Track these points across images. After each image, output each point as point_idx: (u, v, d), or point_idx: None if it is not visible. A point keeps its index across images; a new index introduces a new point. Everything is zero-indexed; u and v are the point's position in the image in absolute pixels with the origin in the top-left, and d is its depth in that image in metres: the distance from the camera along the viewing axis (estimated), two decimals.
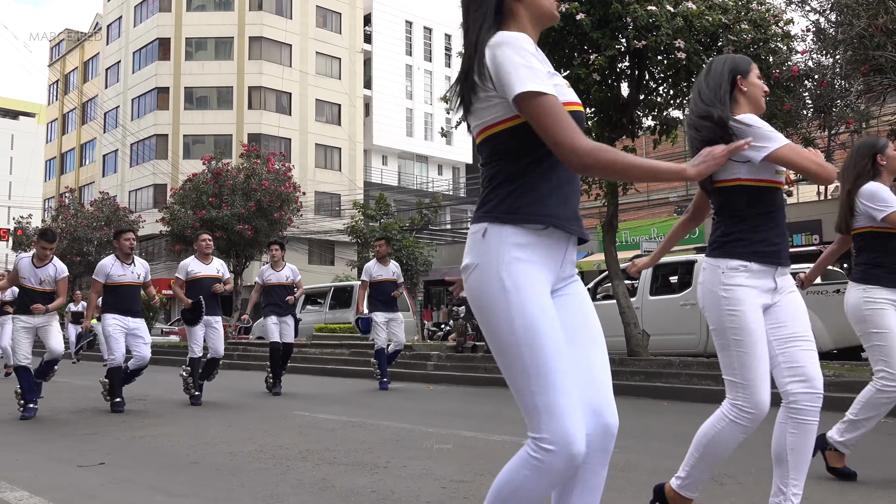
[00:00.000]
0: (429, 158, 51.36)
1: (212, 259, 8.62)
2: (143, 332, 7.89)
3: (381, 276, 9.79)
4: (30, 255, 7.49)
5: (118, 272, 7.81)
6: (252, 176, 21.97)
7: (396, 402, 8.54)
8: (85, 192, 47.59)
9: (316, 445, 5.44)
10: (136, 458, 5.01)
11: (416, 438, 5.75)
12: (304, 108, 42.93)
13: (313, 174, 41.86)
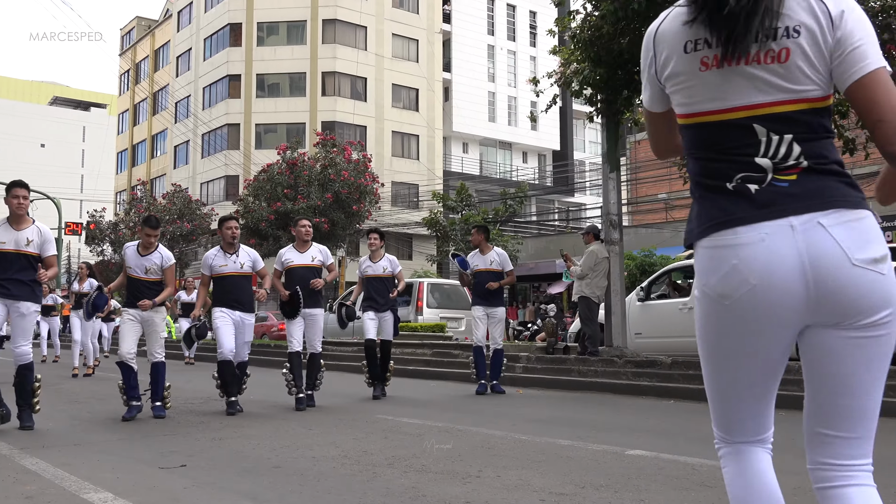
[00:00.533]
0: (513, 145, 51.15)
1: (310, 246, 8.47)
2: (248, 330, 7.90)
3: (478, 266, 9.63)
4: (135, 244, 7.58)
5: (220, 262, 7.86)
6: (329, 166, 22.32)
7: (484, 407, 8.52)
8: (156, 184, 49.40)
9: (402, 451, 5.47)
10: (217, 461, 5.15)
11: (509, 446, 5.72)
12: (380, 93, 43.38)
13: (390, 163, 42.29)
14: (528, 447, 5.67)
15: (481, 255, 9.66)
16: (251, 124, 42.53)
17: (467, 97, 47.99)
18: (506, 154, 51.32)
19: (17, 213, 6.55)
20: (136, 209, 33.68)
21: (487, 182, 45.22)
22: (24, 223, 6.63)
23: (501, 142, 50.66)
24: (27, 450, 5.46)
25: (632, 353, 10.89)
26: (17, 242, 6.54)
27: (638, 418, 7.63)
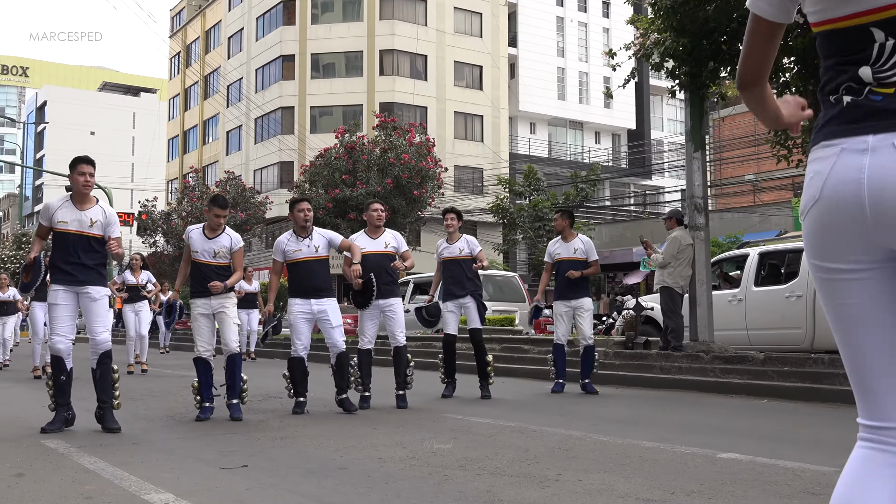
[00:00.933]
0: (584, 125, 50.67)
1: (383, 231, 8.27)
2: (333, 314, 7.67)
3: (560, 254, 9.41)
4: (200, 227, 7.44)
5: (293, 248, 7.67)
6: (389, 150, 22.42)
7: (559, 406, 8.47)
8: (209, 171, 50.41)
9: (474, 453, 5.46)
10: (279, 462, 5.22)
11: (588, 448, 5.66)
12: (442, 71, 43.40)
13: (452, 146, 42.31)
14: (610, 449, 5.61)
15: (564, 243, 9.41)
16: (306, 107, 43.01)
17: (535, 74, 47.66)
18: (576, 134, 50.87)
19: (82, 191, 6.42)
20: (188, 198, 34.39)
21: (557, 165, 44.92)
22: (88, 203, 6.49)
23: (572, 121, 50.22)
24: (85, 448, 5.62)
25: (720, 348, 10.69)
26: (80, 223, 6.41)
27: (729, 419, 7.49)
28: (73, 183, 6.44)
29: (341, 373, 7.80)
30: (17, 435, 6.30)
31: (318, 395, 9.23)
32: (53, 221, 6.42)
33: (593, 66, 50.39)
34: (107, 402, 6.45)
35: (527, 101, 47.25)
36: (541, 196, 28.64)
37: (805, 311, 10.96)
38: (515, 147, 46.89)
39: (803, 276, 11.06)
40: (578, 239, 9.44)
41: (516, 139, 47.43)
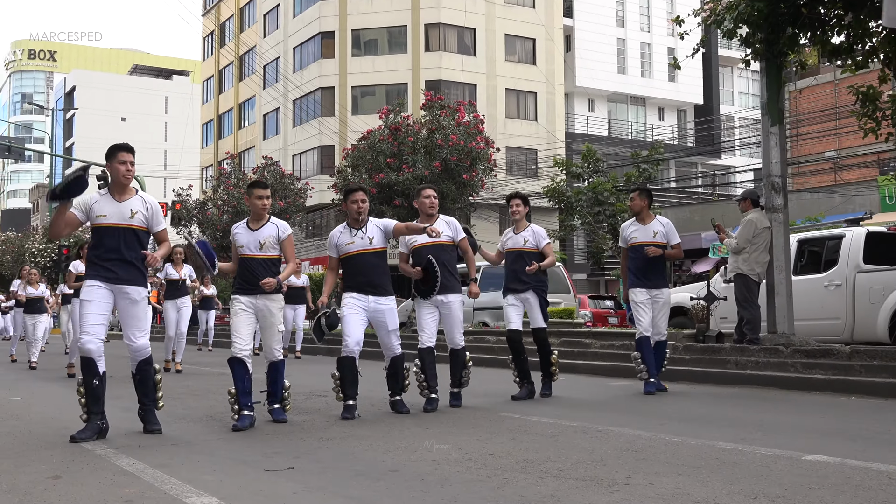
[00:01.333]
0: (647, 100, 50.16)
1: (436, 219, 8.04)
2: (390, 316, 7.50)
3: (637, 238, 9.09)
4: (244, 222, 7.25)
5: (345, 240, 7.50)
6: (437, 131, 22.39)
7: (624, 404, 8.40)
8: (245, 157, 50.96)
9: (535, 455, 5.44)
10: (327, 464, 5.24)
11: (659, 449, 5.60)
12: (492, 46, 43.25)
13: (504, 125, 42.19)
14: (683, 450, 5.54)
15: (642, 226, 9.11)
16: (347, 87, 43.22)
17: (592, 46, 47.24)
18: (638, 111, 50.38)
19: (123, 181, 6.30)
20: (224, 186, 34.75)
21: (617, 144, 44.52)
22: (128, 193, 6.36)
23: (633, 97, 49.73)
24: (123, 450, 5.71)
25: (801, 341, 10.50)
26: (120, 215, 6.27)
27: (812, 417, 7.36)
28: (112, 173, 6.32)
29: (395, 377, 7.74)
30: (51, 435, 6.43)
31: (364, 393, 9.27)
32: (92, 217, 6.29)
33: (656, 35, 49.77)
34: (149, 404, 6.45)
35: (584, 75, 46.88)
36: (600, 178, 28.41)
37: (844, 301, 10.99)
38: (572, 126, 46.58)
39: (842, 265, 11.25)
40: (658, 221, 9.11)
41: (573, 117, 47.12)
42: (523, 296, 8.70)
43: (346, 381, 7.39)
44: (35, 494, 4.41)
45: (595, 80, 47.18)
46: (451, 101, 26.11)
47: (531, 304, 8.70)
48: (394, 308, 7.56)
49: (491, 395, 9.13)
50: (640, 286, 9.04)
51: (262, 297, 7.02)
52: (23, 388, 10.78)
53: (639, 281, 9.05)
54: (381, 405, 8.11)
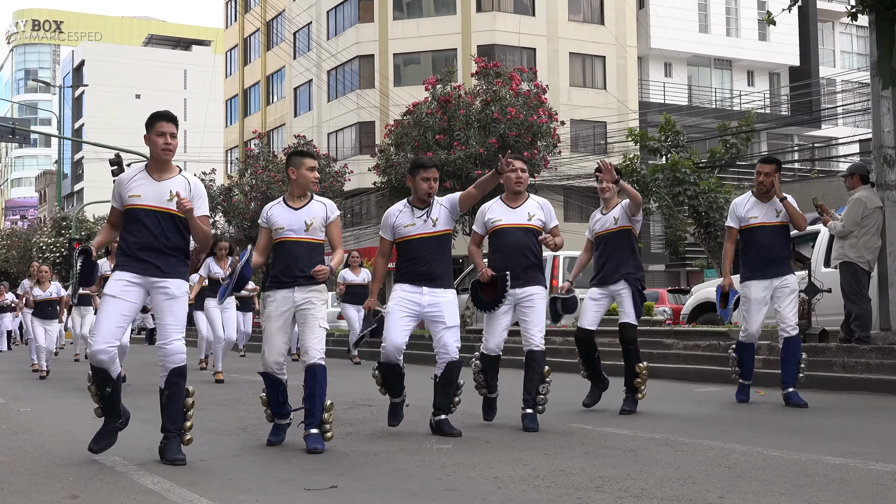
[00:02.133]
0: (733, 63, 49.51)
1: (525, 199, 7.64)
2: (448, 311, 7.06)
3: (757, 218, 8.66)
4: (279, 201, 6.82)
5: (405, 221, 7.12)
6: (492, 102, 22.33)
7: (713, 414, 8.35)
8: (274, 136, 51.45)
9: (612, 471, 5.43)
10: (374, 482, 5.28)
11: (756, 465, 5.57)
12: (553, 4, 43.04)
13: (567, 95, 41.99)
14: (784, 466, 5.51)
15: (762, 204, 8.68)
16: (388, 54, 43.34)
17: (670, 2, 46.73)
18: (724, 75, 49.76)
19: (162, 156, 6.02)
20: (251, 169, 35.09)
21: (699, 114, 44.06)
22: (169, 171, 6.11)
23: (717, 59, 49.11)
24: (146, 466, 5.80)
25: None
26: (159, 197, 5.97)
27: None
28: (150, 146, 6.03)
29: (447, 387, 7.15)
30: (66, 450, 6.55)
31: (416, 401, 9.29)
32: (125, 197, 6.03)
33: None
34: (173, 431, 5.91)
35: (660, 36, 46.37)
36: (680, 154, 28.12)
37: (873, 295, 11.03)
38: (646, 94, 46.20)
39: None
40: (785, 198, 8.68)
41: (647, 84, 46.71)
42: (614, 287, 8.30)
43: (389, 382, 7.24)
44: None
45: (673, 40, 46.66)
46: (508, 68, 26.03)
47: (622, 297, 8.28)
48: (453, 301, 7.16)
49: (559, 402, 9.10)
50: (757, 277, 8.58)
51: (303, 289, 6.54)
52: (33, 399, 11.01)
53: (755, 272, 8.61)
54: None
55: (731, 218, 8.90)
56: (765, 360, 11.37)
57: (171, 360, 5.90)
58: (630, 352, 8.41)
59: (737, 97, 47.84)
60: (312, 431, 6.36)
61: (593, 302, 8.42)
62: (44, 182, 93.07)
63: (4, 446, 6.88)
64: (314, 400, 6.41)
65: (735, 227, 8.85)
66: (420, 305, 7.05)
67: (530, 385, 7.42)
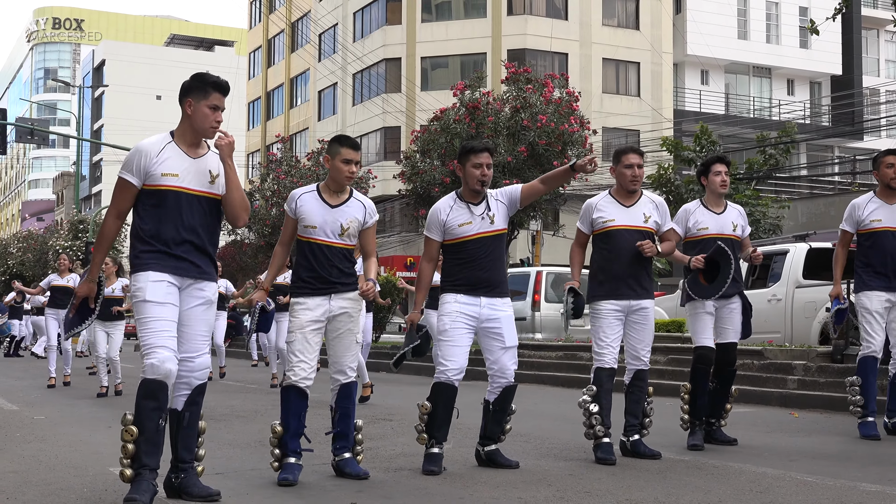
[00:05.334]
0: (773, 71, 49.30)
1: (638, 197, 7.03)
2: (508, 328, 6.35)
3: (882, 221, 7.95)
4: (313, 189, 6.10)
5: (459, 219, 6.37)
6: (522, 109, 22.37)
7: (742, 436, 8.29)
8: (297, 140, 51.65)
9: (639, 493, 5.44)
10: (395, 500, 5.32)
11: (790, 490, 5.55)
12: (587, 7, 43.03)
13: (600, 102, 41.98)
14: (818, 492, 5.49)
15: (888, 205, 8.00)
16: (416, 58, 43.46)
17: (707, 7, 46.62)
18: (763, 84, 49.55)
19: (209, 134, 5.23)
20: (273, 174, 35.27)
21: (737, 123, 43.91)
22: (203, 147, 5.29)
23: (756, 67, 48.94)
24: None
25: None
26: (199, 176, 5.16)
27: None
28: (196, 116, 5.18)
29: (501, 414, 6.46)
30: (81, 461, 6.61)
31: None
32: (153, 173, 5.06)
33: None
34: (189, 462, 5.19)
35: (697, 42, 46.27)
36: None
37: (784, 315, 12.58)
38: (682, 102, 46.09)
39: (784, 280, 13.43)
40: None
41: (683, 92, 46.59)
42: (726, 302, 7.50)
43: (439, 417, 6.23)
44: None
45: (710, 47, 46.52)
46: (539, 73, 26.06)
47: (732, 312, 7.54)
48: (512, 316, 6.48)
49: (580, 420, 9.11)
50: (876, 288, 7.90)
51: (340, 297, 5.95)
52: (47, 407, 11.10)
53: (877, 281, 7.91)
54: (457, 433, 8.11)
55: (848, 222, 8.14)
56: (800, 381, 11.33)
57: (197, 377, 5.15)
58: (729, 375, 7.75)
59: (776, 106, 47.61)
60: (347, 456, 5.95)
61: (709, 316, 7.48)
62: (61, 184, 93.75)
63: (18, 455, 6.95)
64: (348, 420, 5.99)
65: (851, 230, 8.16)
66: (478, 319, 6.30)
67: (636, 408, 6.90)
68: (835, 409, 10.18)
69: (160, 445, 4.97)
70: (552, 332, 19.15)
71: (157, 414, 4.91)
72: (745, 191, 27.24)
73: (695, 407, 7.46)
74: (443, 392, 6.20)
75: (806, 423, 9.24)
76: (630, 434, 6.84)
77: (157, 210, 5.05)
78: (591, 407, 6.69)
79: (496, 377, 6.38)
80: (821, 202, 32.61)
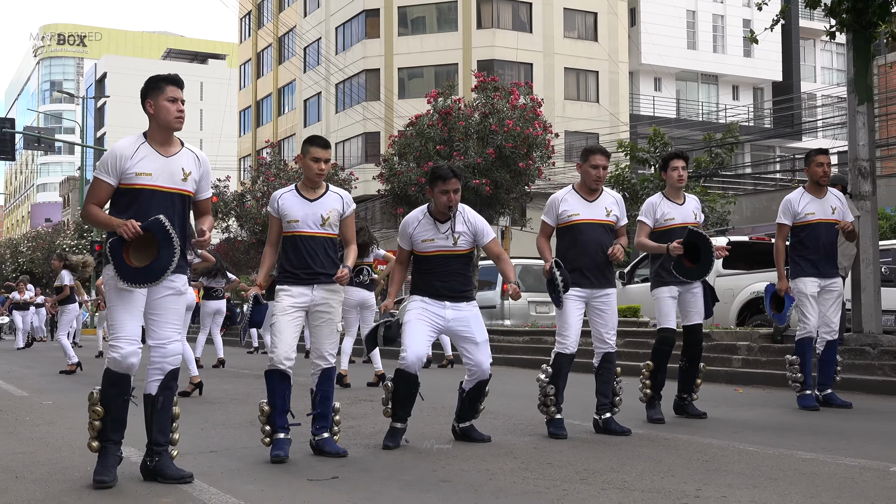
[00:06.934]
0: (719, 78, 49.56)
1: (600, 193, 6.96)
2: (476, 325, 6.37)
3: (814, 214, 8.10)
4: (290, 189, 6.05)
5: (423, 235, 6.39)
6: (490, 115, 22.38)
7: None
8: (285, 146, 51.45)
9: (596, 464, 5.46)
10: (374, 473, 5.32)
11: (732, 459, 5.60)
12: (550, 21, 43.05)
13: (562, 108, 42.01)
14: (759, 460, 5.53)
15: (817, 199, 8.18)
16: (393, 69, 43.36)
17: (659, 20, 46.79)
18: (710, 90, 49.80)
19: (174, 125, 5.13)
20: (263, 176, 35.12)
21: (687, 126, 44.07)
22: (175, 145, 5.20)
23: (704, 74, 49.16)
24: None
25: (889, 342, 10.33)
26: (171, 175, 5.08)
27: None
28: (158, 113, 5.11)
29: (475, 403, 6.50)
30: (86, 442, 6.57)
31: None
32: (127, 172, 4.98)
33: (730, 7, 49.12)
34: (163, 446, 5.10)
35: (650, 52, 46.40)
36: None
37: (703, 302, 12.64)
38: (637, 107, 46.22)
39: None
40: (832, 193, 8.26)
41: (638, 98, 46.74)
42: (688, 286, 7.53)
43: (400, 397, 6.26)
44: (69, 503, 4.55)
45: (662, 56, 46.68)
46: (506, 82, 26.05)
47: (695, 296, 7.56)
48: (479, 314, 6.46)
49: None
50: (811, 275, 8.06)
51: (322, 288, 5.90)
52: (55, 393, 11.01)
53: (810, 268, 8.07)
54: (430, 412, 8.12)
55: (787, 214, 8.22)
56: (744, 360, 11.41)
57: (170, 362, 5.08)
58: (694, 354, 7.77)
59: (722, 110, 47.84)
60: (326, 435, 5.91)
61: (672, 300, 7.56)
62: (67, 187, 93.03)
63: (27, 437, 6.92)
64: (328, 402, 5.94)
65: (788, 223, 8.23)
66: (444, 319, 6.29)
67: (606, 388, 6.86)
68: (775, 385, 10.25)
69: (124, 421, 5.09)
70: (519, 319, 19.30)
71: (120, 397, 5.03)
72: (695, 188, 27.34)
73: (655, 382, 7.55)
74: (403, 378, 6.19)
75: (749, 398, 9.31)
76: (602, 412, 6.80)
77: (131, 207, 4.98)
78: (548, 389, 6.69)
79: (473, 371, 6.38)
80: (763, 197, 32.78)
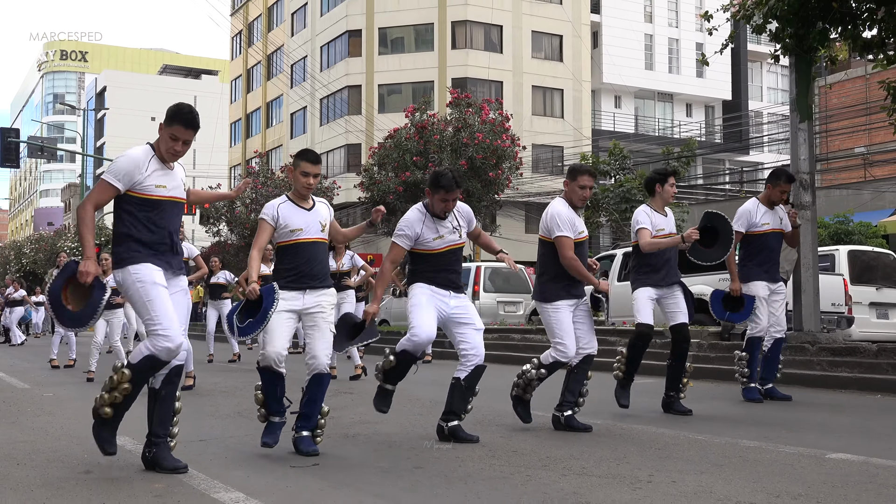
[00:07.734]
0: (674, 96, 49.88)
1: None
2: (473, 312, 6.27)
3: (768, 224, 8.21)
4: (283, 200, 5.78)
5: (431, 234, 6.17)
6: (463, 129, 22.46)
7: (646, 403, 8.39)
8: (273, 156, 51.24)
9: (558, 452, 5.48)
10: (351, 460, 5.31)
11: (682, 447, 5.63)
12: (518, 43, 43.17)
13: (530, 123, 42.11)
14: (706, 448, 5.57)
15: (769, 211, 8.26)
16: (374, 85, 43.31)
17: (620, 42, 47.04)
18: (666, 107, 50.09)
19: (164, 156, 5.04)
20: (252, 185, 34.98)
21: (645, 141, 44.32)
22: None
23: (661, 93, 49.46)
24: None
25: (827, 340, 10.44)
26: (177, 189, 5.14)
27: (837, 416, 7.36)
28: (160, 140, 5.04)
29: (467, 392, 6.12)
30: (84, 431, 6.51)
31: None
32: (146, 185, 4.96)
33: (684, 31, 49.47)
34: (161, 437, 5.02)
35: (611, 72, 46.65)
36: (628, 175, 28.30)
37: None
38: (599, 123, 46.42)
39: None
40: (782, 209, 8.35)
41: (600, 114, 46.95)
42: (669, 290, 7.49)
43: (399, 370, 6.14)
44: (67, 489, 4.51)
45: (622, 76, 46.95)
46: (478, 98, 26.13)
47: (676, 298, 7.49)
48: (472, 308, 6.30)
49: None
50: (763, 279, 8.15)
51: (315, 292, 5.66)
52: (55, 386, 10.92)
53: (762, 273, 8.15)
54: (406, 404, 8.12)
55: (742, 223, 8.21)
56: (694, 356, 11.47)
57: (176, 358, 4.98)
58: (682, 353, 7.68)
59: (677, 126, 48.15)
60: (304, 434, 5.59)
61: (651, 300, 7.49)
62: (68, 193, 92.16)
63: (28, 427, 6.86)
64: (314, 406, 5.61)
65: (742, 230, 8.21)
66: (448, 307, 6.10)
67: (576, 386, 6.66)
68: (723, 380, 10.32)
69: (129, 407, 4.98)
70: (489, 318, 19.28)
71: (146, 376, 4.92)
72: None
73: (629, 370, 7.58)
74: (405, 356, 6.04)
75: (699, 391, 9.35)
76: (564, 409, 6.55)
77: (143, 214, 4.95)
78: (534, 382, 6.63)
79: (470, 356, 6.08)
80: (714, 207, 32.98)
